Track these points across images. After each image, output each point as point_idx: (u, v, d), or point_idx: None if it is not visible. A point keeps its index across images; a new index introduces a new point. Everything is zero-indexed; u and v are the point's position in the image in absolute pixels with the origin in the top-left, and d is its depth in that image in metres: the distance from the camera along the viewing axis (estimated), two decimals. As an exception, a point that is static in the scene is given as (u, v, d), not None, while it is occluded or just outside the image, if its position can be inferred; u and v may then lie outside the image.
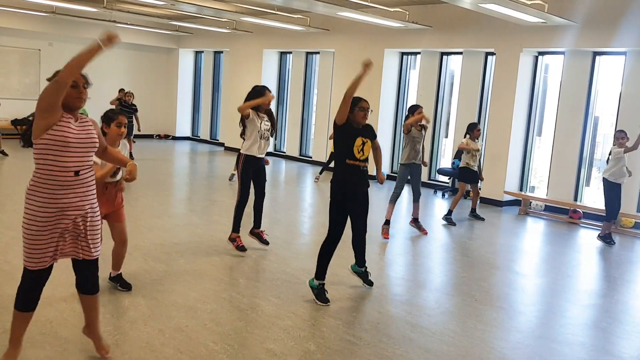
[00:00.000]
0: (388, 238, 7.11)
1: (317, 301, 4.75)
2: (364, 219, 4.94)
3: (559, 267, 6.54)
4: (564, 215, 9.37)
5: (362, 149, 4.74)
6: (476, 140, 8.60)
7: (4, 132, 12.54)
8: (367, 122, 4.82)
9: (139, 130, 12.96)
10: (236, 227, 5.97)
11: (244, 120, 5.79)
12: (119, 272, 4.76)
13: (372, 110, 4.84)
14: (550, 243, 7.89)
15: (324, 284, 4.84)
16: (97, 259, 3.35)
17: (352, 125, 4.74)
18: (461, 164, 8.69)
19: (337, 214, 4.76)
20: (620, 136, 7.61)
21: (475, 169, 8.65)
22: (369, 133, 4.86)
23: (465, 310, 4.85)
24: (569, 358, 4.09)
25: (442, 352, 3.97)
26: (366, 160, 4.80)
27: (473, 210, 8.89)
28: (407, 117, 7.36)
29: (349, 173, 4.75)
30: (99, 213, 3.34)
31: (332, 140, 4.83)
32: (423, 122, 7.33)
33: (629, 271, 6.74)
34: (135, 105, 12.98)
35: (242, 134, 5.89)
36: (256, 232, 6.22)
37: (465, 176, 8.67)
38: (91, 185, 3.23)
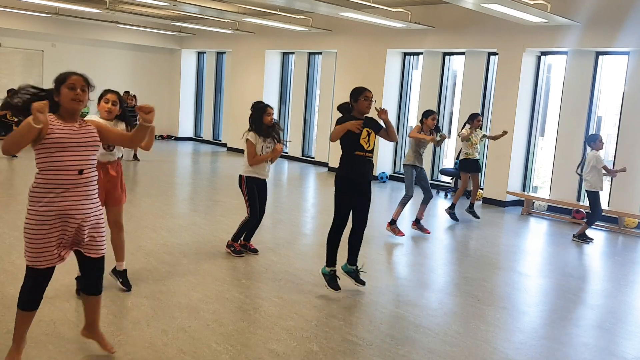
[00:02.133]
0: (403, 235, 7.24)
1: (328, 287, 4.91)
2: (366, 211, 4.97)
3: (562, 268, 6.53)
4: (567, 215, 9.35)
5: (368, 140, 4.83)
6: (477, 131, 8.56)
7: (8, 133, 12.59)
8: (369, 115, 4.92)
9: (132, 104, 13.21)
10: (237, 238, 5.97)
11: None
12: (124, 268, 4.69)
13: (375, 101, 4.92)
14: (553, 243, 7.87)
15: (335, 271, 4.95)
16: (103, 257, 3.35)
17: (356, 117, 4.82)
18: (461, 157, 8.64)
19: (341, 204, 4.88)
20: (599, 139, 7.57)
21: (476, 157, 8.59)
22: (373, 125, 4.93)
23: (469, 310, 4.85)
24: (572, 359, 4.09)
25: (445, 353, 3.96)
26: (372, 151, 4.90)
27: (471, 206, 8.78)
28: (421, 121, 7.36)
29: (356, 164, 4.84)
30: (102, 211, 3.33)
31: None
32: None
33: (633, 271, 6.72)
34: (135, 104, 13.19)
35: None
36: (243, 244, 6.11)
37: (465, 166, 8.61)
38: (94, 185, 3.23)
